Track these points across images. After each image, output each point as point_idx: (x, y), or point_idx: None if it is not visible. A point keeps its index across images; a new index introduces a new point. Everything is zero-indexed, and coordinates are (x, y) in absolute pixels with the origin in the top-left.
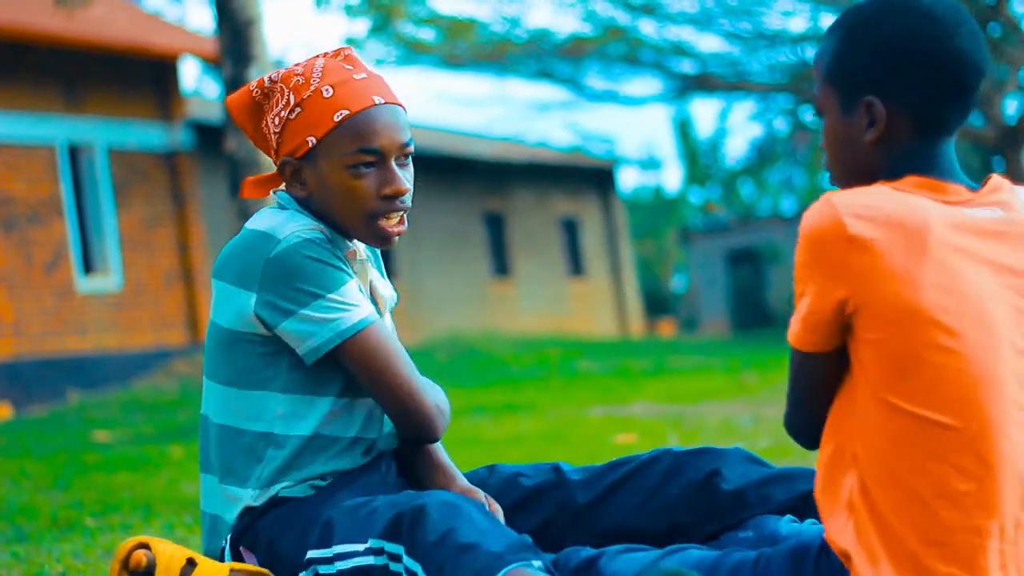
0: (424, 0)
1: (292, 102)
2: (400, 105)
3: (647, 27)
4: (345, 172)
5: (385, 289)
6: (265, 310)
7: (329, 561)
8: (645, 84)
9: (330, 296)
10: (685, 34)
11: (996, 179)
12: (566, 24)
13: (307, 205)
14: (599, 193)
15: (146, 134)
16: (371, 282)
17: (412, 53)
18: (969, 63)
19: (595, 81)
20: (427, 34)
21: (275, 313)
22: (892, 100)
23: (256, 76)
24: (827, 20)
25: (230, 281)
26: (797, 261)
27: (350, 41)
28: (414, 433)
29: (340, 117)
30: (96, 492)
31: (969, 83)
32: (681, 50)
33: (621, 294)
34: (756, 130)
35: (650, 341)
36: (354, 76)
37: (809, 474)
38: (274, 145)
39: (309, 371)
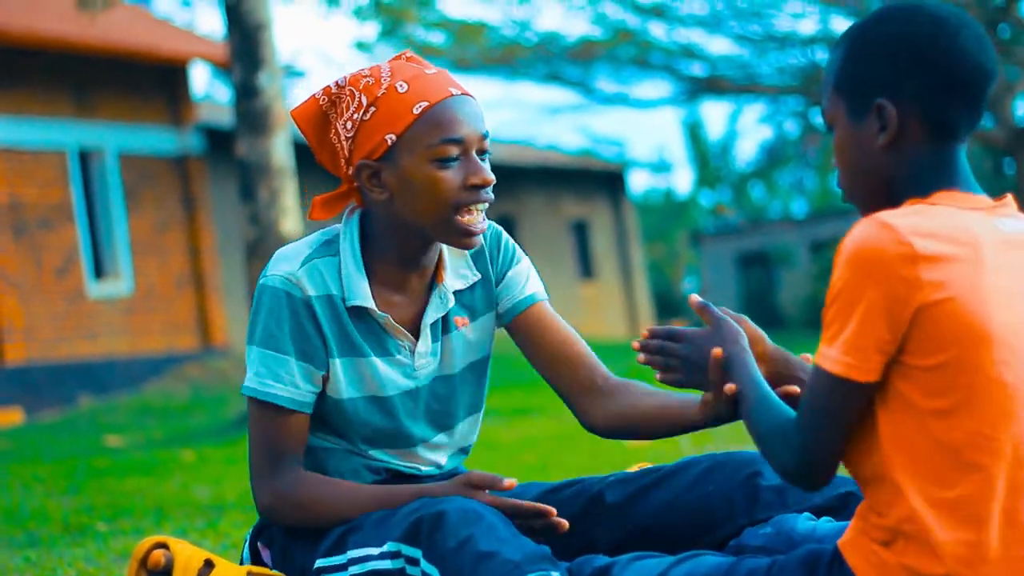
0: (434, 4)
1: (365, 103)
2: (473, 97)
3: (657, 30)
4: (430, 165)
5: (422, 363)
6: None
7: (342, 568)
8: (655, 87)
9: (256, 349)
10: (695, 37)
11: (1009, 198)
12: (576, 27)
13: (383, 216)
14: (609, 196)
15: (157, 139)
16: (389, 358)
17: (422, 57)
18: (976, 63)
19: (605, 84)
20: (437, 38)
21: None
22: (902, 101)
23: (266, 80)
24: (837, 22)
25: None
26: (844, 283)
27: (360, 45)
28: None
29: (420, 109)
30: (108, 496)
31: (977, 83)
32: (691, 53)
33: (632, 297)
34: (766, 133)
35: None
36: (425, 71)
37: (847, 480)
38: (346, 153)
39: None
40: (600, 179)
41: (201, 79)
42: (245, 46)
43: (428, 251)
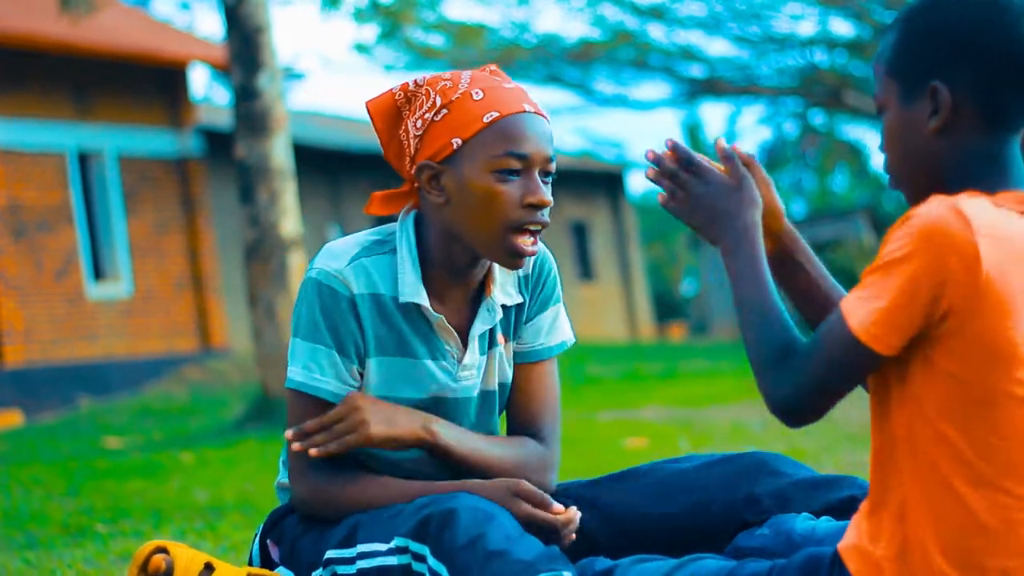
0: (433, 5)
1: (439, 104)
2: (547, 118)
3: (656, 31)
4: (490, 176)
5: (467, 373)
6: None
7: (350, 561)
8: (654, 88)
9: (301, 342)
10: (694, 38)
11: None
12: (575, 29)
13: (437, 221)
14: (609, 197)
15: (156, 141)
16: (440, 360)
17: (421, 59)
18: None
19: (604, 85)
20: (436, 40)
21: None
22: (957, 85)
23: (265, 82)
24: (836, 24)
25: None
26: (901, 255)
27: (359, 47)
28: None
29: (490, 119)
30: (107, 498)
31: None
32: (690, 54)
33: (631, 298)
34: (765, 134)
35: (660, 345)
36: (504, 85)
37: (852, 483)
38: (411, 151)
39: None
40: (599, 180)
41: (200, 81)
42: (244, 48)
43: (477, 264)
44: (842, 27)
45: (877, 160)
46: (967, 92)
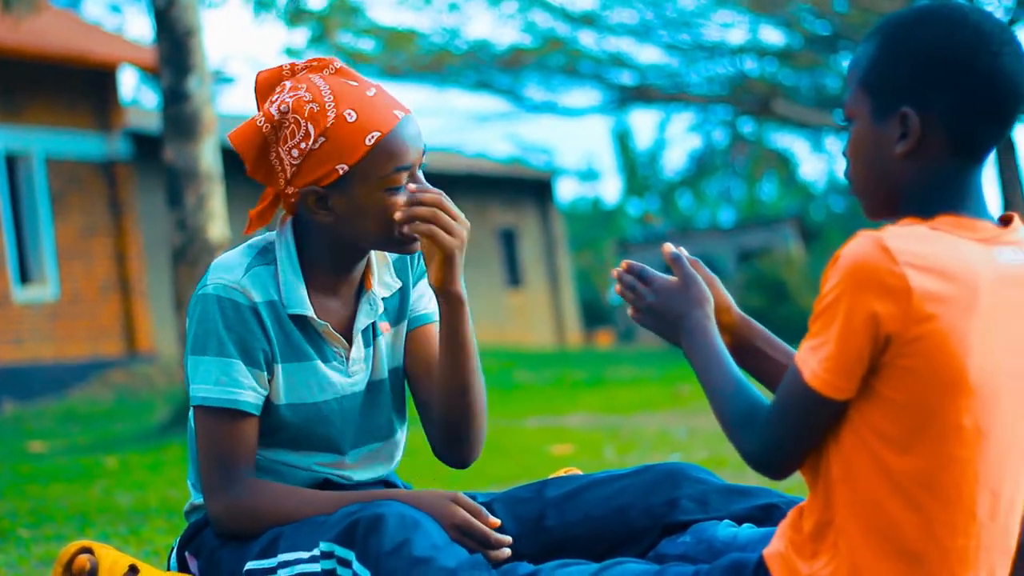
0: (363, 11)
1: (314, 133)
2: (410, 112)
3: (586, 38)
4: (383, 193)
5: (357, 367)
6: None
7: (271, 571)
8: (584, 95)
9: (206, 358)
10: (624, 45)
11: (1016, 221)
12: (505, 35)
13: (321, 233)
14: (537, 204)
15: (84, 143)
16: (329, 357)
17: (352, 64)
18: (1013, 85)
19: (534, 92)
20: (367, 44)
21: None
22: (928, 113)
23: (194, 86)
24: (766, 32)
25: None
26: (833, 298)
27: (289, 51)
28: None
29: (372, 140)
30: (31, 503)
31: (1010, 106)
32: (620, 61)
33: (558, 305)
34: (695, 142)
35: (587, 352)
36: (366, 93)
37: (770, 492)
38: (287, 175)
39: None
40: (528, 187)
41: (129, 84)
42: (174, 51)
43: (360, 260)
44: (772, 36)
45: (805, 170)
46: (937, 120)
